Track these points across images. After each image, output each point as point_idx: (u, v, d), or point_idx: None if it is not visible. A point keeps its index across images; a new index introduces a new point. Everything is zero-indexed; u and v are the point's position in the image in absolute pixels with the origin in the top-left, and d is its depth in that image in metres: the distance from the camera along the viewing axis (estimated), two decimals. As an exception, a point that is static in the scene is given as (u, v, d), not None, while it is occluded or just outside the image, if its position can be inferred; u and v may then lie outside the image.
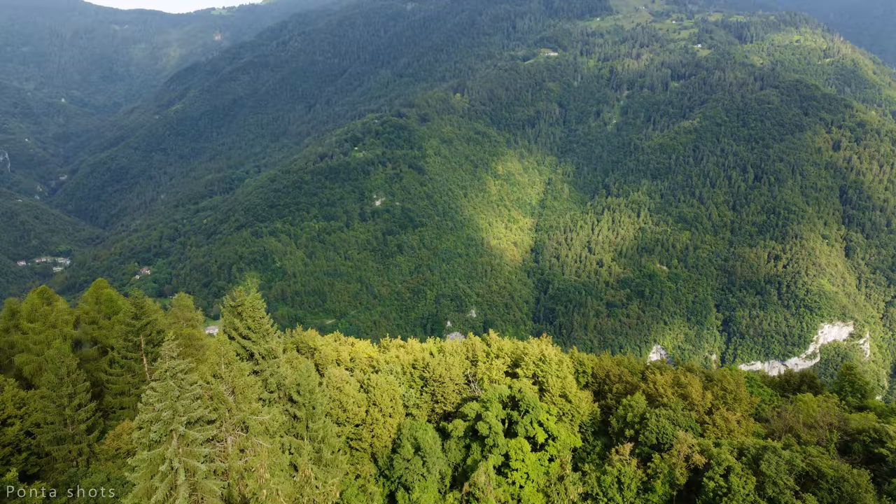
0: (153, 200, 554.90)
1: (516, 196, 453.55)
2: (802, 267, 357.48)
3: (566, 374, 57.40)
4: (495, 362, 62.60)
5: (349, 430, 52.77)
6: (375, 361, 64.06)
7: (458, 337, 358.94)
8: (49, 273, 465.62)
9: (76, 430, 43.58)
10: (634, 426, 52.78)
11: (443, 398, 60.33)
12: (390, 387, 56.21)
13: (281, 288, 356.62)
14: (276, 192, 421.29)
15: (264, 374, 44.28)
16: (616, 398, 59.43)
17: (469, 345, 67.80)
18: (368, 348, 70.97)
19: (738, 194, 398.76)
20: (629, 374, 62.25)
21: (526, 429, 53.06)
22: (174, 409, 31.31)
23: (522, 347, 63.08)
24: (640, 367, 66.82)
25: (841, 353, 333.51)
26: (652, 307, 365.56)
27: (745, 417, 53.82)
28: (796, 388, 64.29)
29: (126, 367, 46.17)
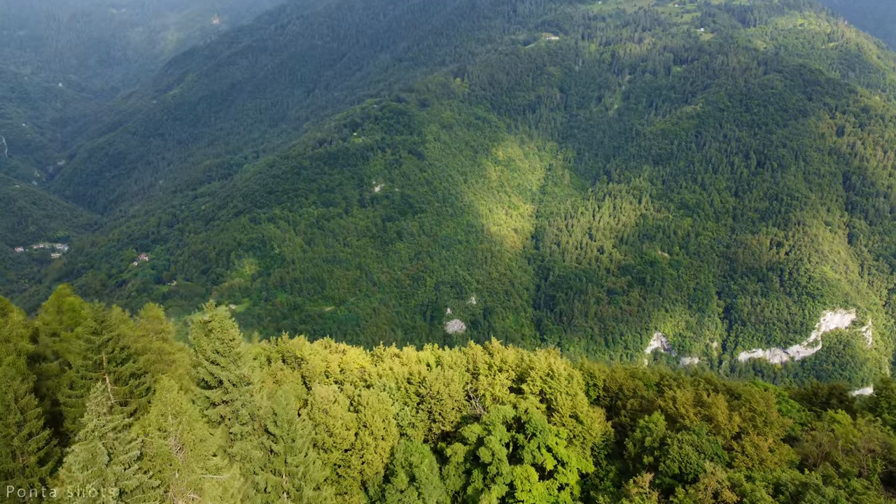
0: (151, 186, 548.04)
1: (517, 182, 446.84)
2: (805, 254, 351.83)
3: (576, 391, 51.91)
4: (499, 377, 57.05)
5: (336, 456, 47.31)
6: (367, 374, 58.59)
7: (458, 325, 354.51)
8: (47, 259, 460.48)
9: (27, 461, 38.37)
10: (654, 452, 47.23)
11: (441, 417, 54.85)
12: (383, 406, 50.74)
13: (280, 275, 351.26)
14: (274, 178, 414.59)
15: (235, 405, 38.79)
16: (631, 416, 53.97)
17: (470, 355, 62.23)
18: (360, 357, 65.52)
19: (741, 180, 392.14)
20: (644, 388, 56.81)
21: (533, 454, 47.67)
22: (103, 478, 25.54)
23: (528, 360, 57.47)
24: (654, 377, 61.43)
25: (843, 341, 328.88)
26: (653, 294, 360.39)
27: (777, 443, 48.27)
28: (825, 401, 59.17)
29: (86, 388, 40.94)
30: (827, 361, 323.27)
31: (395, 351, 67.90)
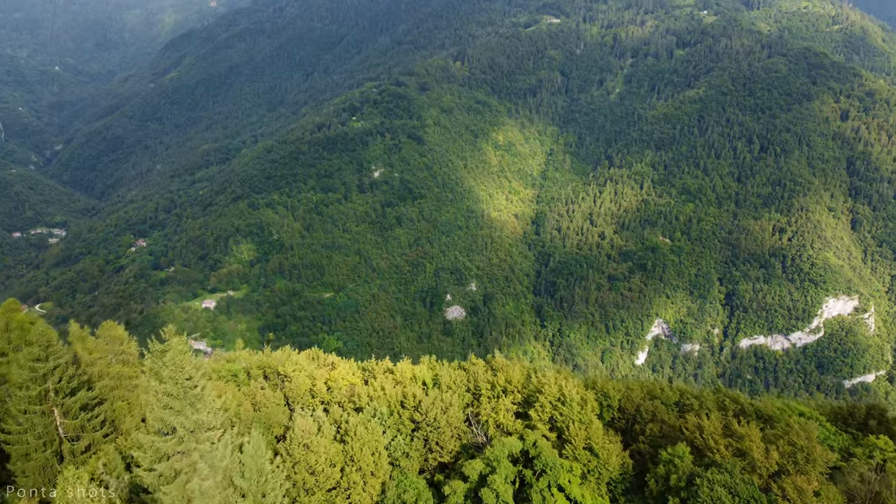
0: (149, 171, 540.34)
1: (517, 167, 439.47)
2: (808, 240, 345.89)
3: (591, 419, 45.87)
4: (503, 400, 50.98)
5: (319, 497, 41.54)
6: (357, 396, 52.82)
7: (458, 312, 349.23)
8: (44, 245, 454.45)
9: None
10: (680, 493, 41.44)
11: (438, 446, 48.82)
12: (373, 436, 45.04)
13: (278, 261, 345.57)
14: (272, 163, 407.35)
15: (192, 457, 32.98)
16: (651, 443, 47.98)
17: (471, 372, 56.24)
18: (350, 373, 59.78)
19: (744, 165, 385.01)
20: (664, 411, 50.91)
21: (542, 495, 41.69)
22: None
23: (536, 381, 51.37)
24: (674, 395, 55.57)
25: (845, 328, 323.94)
26: (654, 280, 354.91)
27: (822, 482, 42.42)
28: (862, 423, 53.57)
29: (29, 423, 35.34)
30: (829, 348, 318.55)
31: (389, 366, 62.03)
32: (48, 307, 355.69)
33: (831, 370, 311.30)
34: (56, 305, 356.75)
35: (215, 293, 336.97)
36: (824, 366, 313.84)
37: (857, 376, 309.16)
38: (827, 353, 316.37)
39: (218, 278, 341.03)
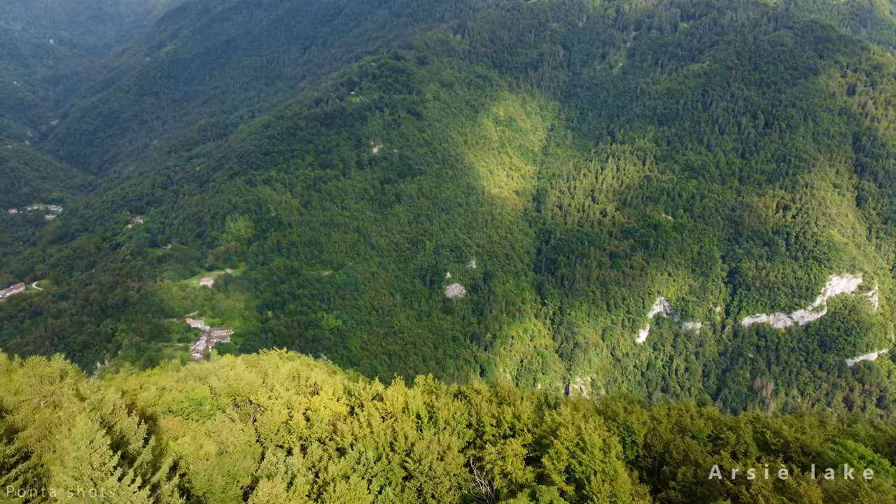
0: (146, 146, 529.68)
1: (518, 143, 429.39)
2: (812, 217, 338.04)
3: (616, 469, 38.23)
4: (511, 443, 42.82)
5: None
6: (341, 434, 45.45)
7: (458, 290, 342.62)
8: (41, 221, 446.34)
9: None
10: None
11: (434, 499, 41.13)
12: (356, 492, 37.63)
13: (276, 238, 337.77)
14: (270, 139, 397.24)
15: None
16: (684, 491, 40.57)
17: (474, 403, 48.21)
18: (334, 399, 52.16)
19: (748, 141, 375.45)
20: (698, 449, 43.68)
21: (561, 570, 35.37)
22: None
23: (550, 420, 43.00)
24: (706, 427, 48.00)
25: (848, 306, 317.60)
26: (656, 258, 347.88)
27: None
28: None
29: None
30: (832, 327, 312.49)
31: (378, 389, 53.95)
32: (45, 285, 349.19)
33: (834, 349, 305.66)
34: (53, 283, 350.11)
35: (213, 271, 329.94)
36: (827, 344, 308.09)
37: (860, 355, 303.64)
38: (830, 332, 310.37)
39: (215, 256, 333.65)
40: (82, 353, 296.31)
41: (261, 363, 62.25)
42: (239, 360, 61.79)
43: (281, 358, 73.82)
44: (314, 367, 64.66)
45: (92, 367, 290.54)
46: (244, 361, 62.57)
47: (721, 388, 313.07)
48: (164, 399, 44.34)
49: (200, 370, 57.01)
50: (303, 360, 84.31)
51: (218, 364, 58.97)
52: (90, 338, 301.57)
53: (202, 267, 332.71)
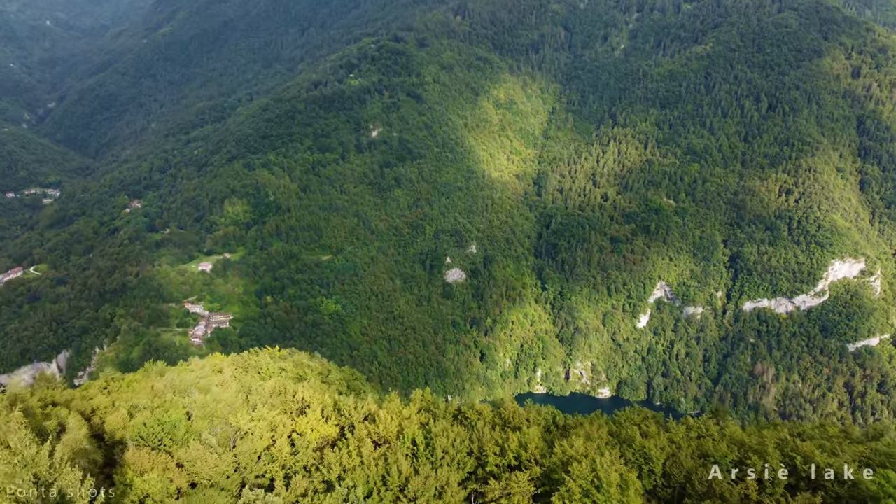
0: (143, 130, 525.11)
1: (519, 126, 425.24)
2: (815, 201, 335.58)
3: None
4: (517, 478, 39.60)
5: None
6: (328, 465, 42.08)
7: (458, 274, 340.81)
8: (39, 205, 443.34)
9: None
10: None
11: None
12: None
13: (275, 223, 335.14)
14: (268, 122, 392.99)
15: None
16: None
17: (477, 428, 44.26)
18: (322, 421, 47.42)
19: (751, 124, 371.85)
20: (723, 482, 40.31)
21: None
22: None
23: (561, 453, 39.57)
24: (731, 451, 44.29)
25: (851, 291, 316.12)
26: (657, 242, 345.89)
27: None
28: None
29: None
30: (833, 312, 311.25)
31: (371, 409, 50.31)
32: (43, 269, 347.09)
33: (835, 334, 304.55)
34: (51, 268, 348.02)
35: (211, 255, 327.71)
36: (828, 329, 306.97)
37: (861, 340, 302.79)
38: (831, 317, 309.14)
39: (214, 240, 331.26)
40: (81, 339, 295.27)
41: (250, 364, 59.21)
42: (228, 361, 58.96)
43: (272, 358, 70.14)
44: (306, 368, 61.09)
45: (91, 353, 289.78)
46: (232, 363, 59.71)
47: (722, 372, 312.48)
48: (135, 422, 41.34)
49: (181, 382, 52.78)
50: (295, 359, 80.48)
51: (202, 371, 54.81)
52: (89, 323, 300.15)
53: (200, 252, 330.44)
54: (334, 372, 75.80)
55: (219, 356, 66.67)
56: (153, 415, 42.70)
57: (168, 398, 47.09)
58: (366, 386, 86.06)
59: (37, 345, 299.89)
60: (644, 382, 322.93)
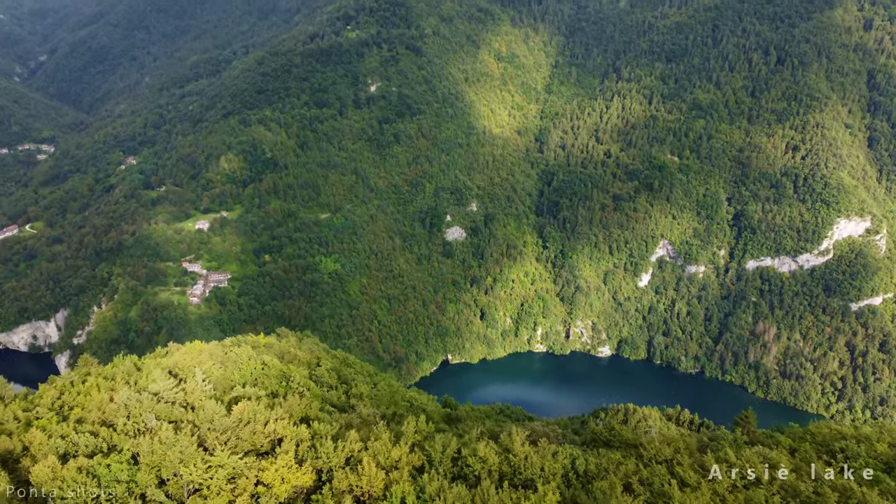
0: (137, 84, 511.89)
1: (521, 80, 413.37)
2: (822, 158, 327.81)
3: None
4: None
5: None
6: None
7: (458, 233, 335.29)
8: (33, 161, 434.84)
9: None
10: None
11: None
12: None
13: (272, 180, 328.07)
14: (263, 77, 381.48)
15: None
16: None
17: (482, 488, 36.78)
18: (294, 468, 39.88)
19: (759, 79, 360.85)
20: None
21: None
22: None
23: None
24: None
25: (855, 250, 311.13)
26: (660, 200, 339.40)
27: None
28: None
29: None
30: (837, 271, 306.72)
31: (354, 449, 41.60)
32: (39, 227, 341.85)
33: (838, 293, 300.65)
34: (47, 226, 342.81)
35: (208, 214, 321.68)
36: (831, 288, 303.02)
37: (865, 299, 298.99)
38: (835, 276, 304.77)
39: (210, 198, 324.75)
40: (78, 297, 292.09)
41: (230, 357, 53.70)
42: (207, 352, 53.43)
43: (255, 349, 63.80)
44: (291, 366, 54.87)
45: (89, 311, 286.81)
46: (211, 357, 54.28)
47: (723, 332, 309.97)
48: (66, 472, 34.91)
49: (139, 404, 44.41)
50: (282, 345, 73.80)
51: (167, 384, 46.00)
52: (86, 282, 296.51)
53: (197, 210, 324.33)
54: (324, 359, 70.30)
55: (198, 345, 61.49)
56: (88, 466, 36.20)
57: (119, 424, 40.79)
58: (360, 372, 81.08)
59: (34, 303, 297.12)
60: (644, 341, 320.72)
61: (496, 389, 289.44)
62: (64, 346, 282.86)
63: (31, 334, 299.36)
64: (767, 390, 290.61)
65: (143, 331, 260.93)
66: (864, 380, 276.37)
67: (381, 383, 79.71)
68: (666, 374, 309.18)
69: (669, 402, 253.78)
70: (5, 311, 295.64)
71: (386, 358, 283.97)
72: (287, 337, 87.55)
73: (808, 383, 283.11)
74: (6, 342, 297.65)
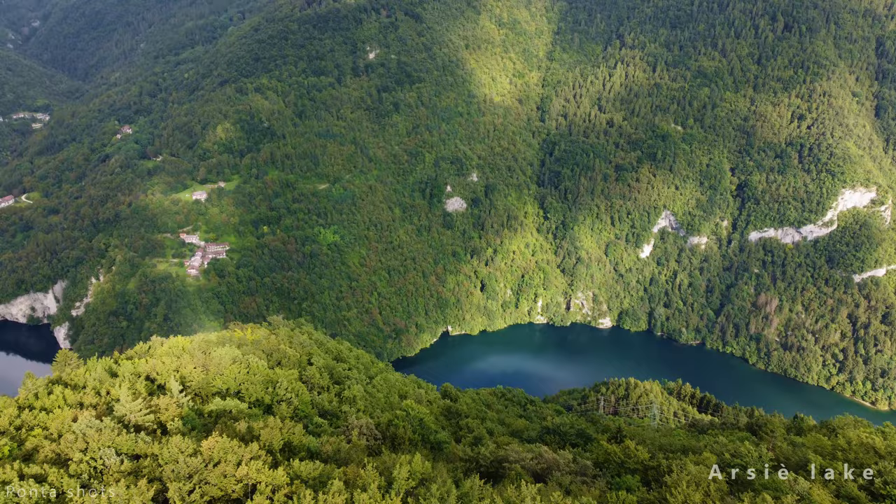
0: (132, 50, 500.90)
1: (522, 47, 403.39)
2: (828, 127, 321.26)
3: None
4: None
5: None
6: None
7: (458, 203, 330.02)
8: (28, 130, 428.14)
9: None
10: None
11: None
12: None
13: (270, 150, 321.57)
14: (260, 44, 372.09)
15: None
16: None
17: None
18: None
19: (765, 46, 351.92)
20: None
21: None
22: None
23: None
24: None
25: (860, 221, 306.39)
26: (663, 171, 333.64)
27: None
28: None
29: None
30: (841, 242, 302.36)
31: (336, 501, 34.98)
32: (35, 198, 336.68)
33: (842, 264, 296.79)
34: (43, 196, 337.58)
35: (205, 184, 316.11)
36: (835, 260, 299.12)
37: (868, 270, 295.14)
38: (839, 247, 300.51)
39: (207, 168, 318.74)
40: (76, 269, 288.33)
41: (212, 360, 49.21)
42: (189, 351, 49.13)
43: (242, 347, 58.19)
44: (280, 370, 49.56)
45: (87, 283, 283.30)
46: (192, 358, 49.90)
47: (724, 303, 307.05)
48: None
49: (104, 434, 37.25)
50: (270, 342, 67.98)
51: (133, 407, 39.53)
52: (83, 253, 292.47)
53: (194, 180, 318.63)
54: (316, 356, 65.59)
55: (181, 341, 57.22)
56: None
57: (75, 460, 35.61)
58: (355, 365, 76.87)
59: (31, 275, 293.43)
60: (645, 313, 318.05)
61: (496, 361, 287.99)
62: (63, 318, 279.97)
63: (29, 306, 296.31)
64: (768, 362, 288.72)
65: (142, 303, 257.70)
66: (866, 352, 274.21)
67: (377, 378, 75.67)
68: (666, 346, 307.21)
69: (670, 374, 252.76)
70: (3, 283, 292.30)
71: (386, 330, 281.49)
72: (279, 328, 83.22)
73: (809, 355, 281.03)
74: (5, 314, 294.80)
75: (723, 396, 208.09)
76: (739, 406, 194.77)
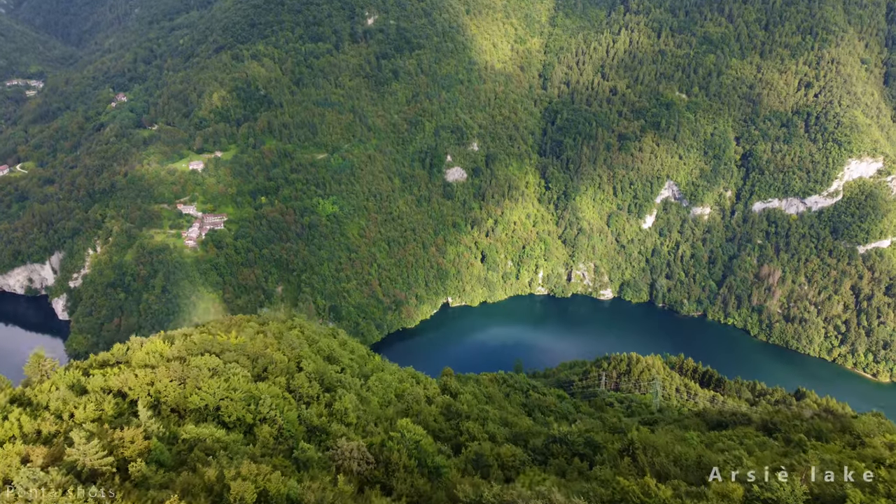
0: (126, 15, 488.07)
1: (524, 12, 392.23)
2: (836, 96, 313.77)
3: None
4: None
5: None
6: None
7: (459, 173, 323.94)
8: (22, 98, 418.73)
9: None
10: None
11: None
12: None
13: (267, 119, 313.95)
14: (256, 9, 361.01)
15: None
16: None
17: None
18: None
19: (773, 11, 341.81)
20: None
21: None
22: None
23: None
24: None
25: (865, 191, 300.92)
26: (667, 140, 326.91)
27: None
28: None
29: None
30: (846, 213, 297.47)
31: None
32: (30, 168, 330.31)
33: (846, 235, 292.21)
34: (38, 165, 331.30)
35: (202, 154, 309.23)
36: (839, 231, 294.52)
37: (873, 242, 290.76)
38: (843, 218, 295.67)
39: (204, 137, 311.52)
40: (73, 240, 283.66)
41: (190, 371, 44.39)
42: (165, 360, 44.46)
43: (225, 354, 53.01)
44: (268, 366, 45.25)
45: (84, 254, 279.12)
46: (169, 371, 45.11)
47: (727, 275, 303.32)
48: None
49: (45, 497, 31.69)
50: (256, 345, 61.33)
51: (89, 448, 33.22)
52: (79, 224, 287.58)
53: (190, 149, 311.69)
54: (307, 359, 60.87)
55: (160, 346, 52.64)
56: None
57: None
58: (349, 364, 72.39)
59: (28, 246, 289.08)
60: (647, 284, 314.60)
61: (497, 332, 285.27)
62: (60, 290, 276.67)
63: (26, 277, 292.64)
64: (770, 334, 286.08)
65: (140, 274, 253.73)
66: (868, 323, 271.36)
67: (371, 379, 71.67)
68: (668, 318, 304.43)
69: (671, 346, 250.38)
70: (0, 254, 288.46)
71: (386, 301, 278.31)
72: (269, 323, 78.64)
73: (811, 327, 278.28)
74: (2, 285, 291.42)
75: (724, 369, 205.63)
76: (741, 380, 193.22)
